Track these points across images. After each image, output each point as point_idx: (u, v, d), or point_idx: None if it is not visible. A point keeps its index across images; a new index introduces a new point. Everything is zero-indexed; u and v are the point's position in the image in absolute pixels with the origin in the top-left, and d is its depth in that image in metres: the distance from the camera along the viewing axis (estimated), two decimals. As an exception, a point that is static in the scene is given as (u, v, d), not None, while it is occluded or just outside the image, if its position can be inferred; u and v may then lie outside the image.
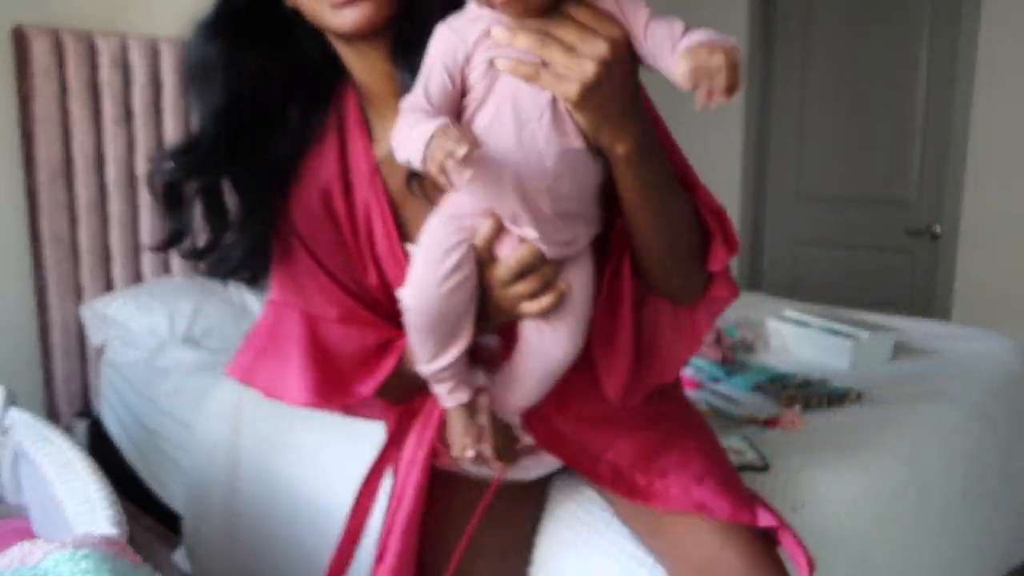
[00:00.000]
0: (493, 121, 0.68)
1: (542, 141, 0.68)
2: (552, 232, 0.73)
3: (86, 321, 2.26)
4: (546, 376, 0.82)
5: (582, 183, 0.72)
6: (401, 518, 0.96)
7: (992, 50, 2.84)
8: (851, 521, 1.22)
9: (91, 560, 0.84)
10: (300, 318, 0.90)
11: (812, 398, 1.61)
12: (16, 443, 1.31)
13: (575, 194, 0.72)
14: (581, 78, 0.64)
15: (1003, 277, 2.90)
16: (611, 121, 0.68)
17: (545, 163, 0.69)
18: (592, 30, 0.65)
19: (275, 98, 0.85)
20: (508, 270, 0.75)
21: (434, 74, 0.69)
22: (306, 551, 1.48)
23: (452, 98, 0.69)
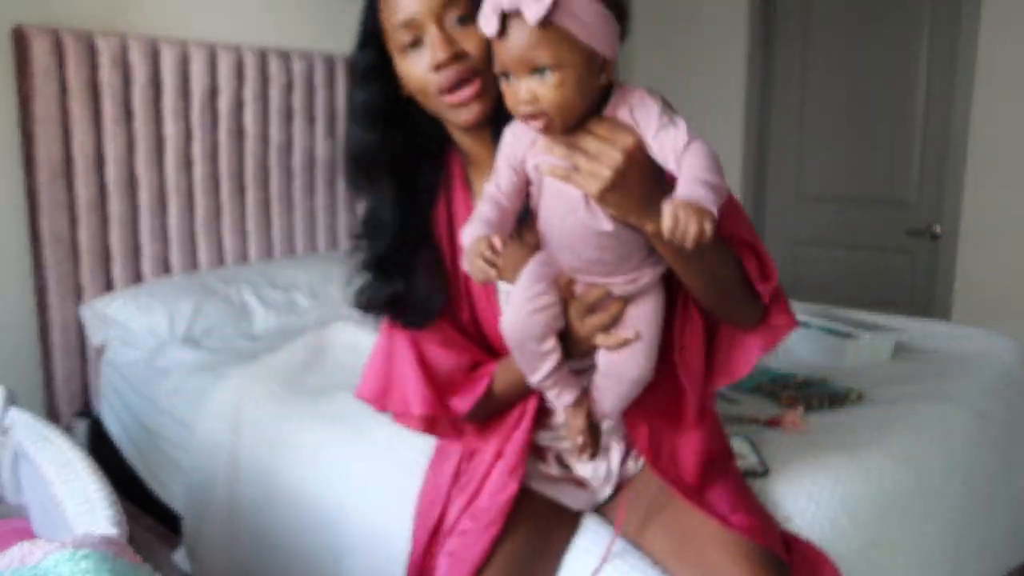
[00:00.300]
0: (548, 209, 0.90)
1: (580, 226, 0.87)
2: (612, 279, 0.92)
3: (86, 321, 2.26)
4: (623, 391, 0.98)
5: (625, 250, 0.90)
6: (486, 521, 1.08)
7: (992, 50, 2.84)
8: (851, 521, 1.22)
9: (91, 560, 0.84)
10: (408, 339, 1.09)
11: (813, 398, 1.61)
12: (16, 443, 1.31)
13: (623, 257, 0.90)
14: (600, 181, 0.81)
15: (1003, 277, 2.90)
16: (634, 209, 0.84)
17: (588, 241, 0.89)
18: (610, 141, 0.82)
19: (414, 165, 1.07)
20: (581, 305, 0.95)
21: (502, 169, 0.90)
22: (306, 551, 1.48)
23: (517, 187, 0.90)
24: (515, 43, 0.79)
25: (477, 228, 0.85)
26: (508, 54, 0.81)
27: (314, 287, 2.48)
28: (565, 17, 0.78)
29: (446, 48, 0.93)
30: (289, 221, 2.71)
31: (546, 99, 0.80)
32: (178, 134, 2.39)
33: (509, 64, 0.81)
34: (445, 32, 0.94)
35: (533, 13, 0.77)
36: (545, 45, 0.79)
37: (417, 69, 0.96)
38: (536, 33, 0.78)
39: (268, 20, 2.66)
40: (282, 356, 1.98)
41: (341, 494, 1.44)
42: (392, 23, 0.96)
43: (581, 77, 0.80)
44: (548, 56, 0.79)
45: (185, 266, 2.47)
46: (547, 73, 0.80)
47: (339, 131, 2.78)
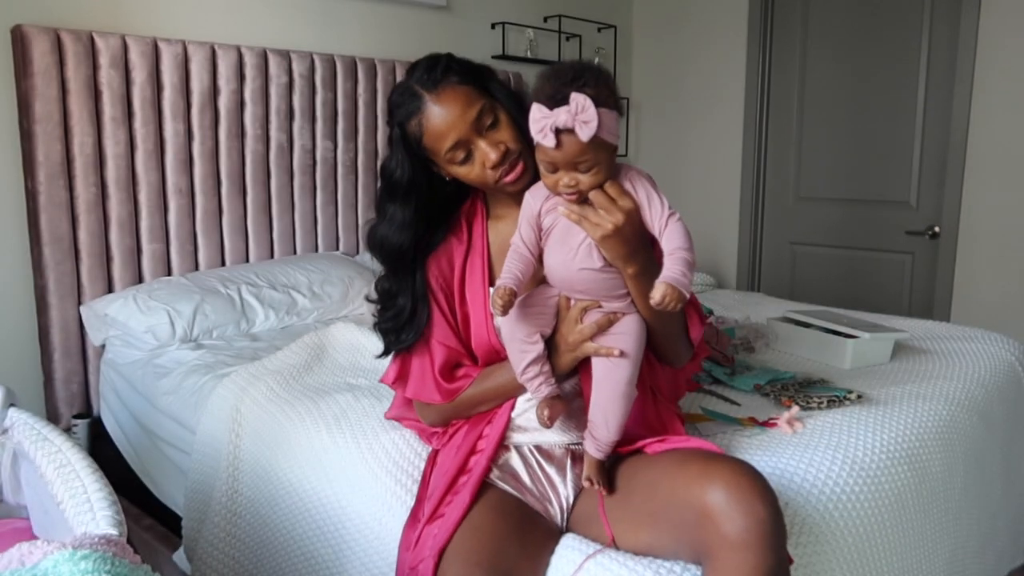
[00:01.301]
0: (552, 253, 1.16)
1: (578, 263, 1.14)
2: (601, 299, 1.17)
3: (86, 321, 2.26)
4: (618, 397, 1.15)
5: (608, 286, 1.15)
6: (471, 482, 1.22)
7: (991, 50, 2.84)
8: (850, 521, 1.22)
9: (90, 560, 0.84)
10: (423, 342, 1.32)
11: (812, 398, 1.61)
12: (16, 443, 1.31)
13: (608, 291, 1.16)
14: (603, 230, 1.08)
15: (1003, 277, 2.90)
16: (623, 255, 1.11)
17: (582, 277, 1.15)
18: (615, 202, 1.08)
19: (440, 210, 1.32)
20: (575, 311, 1.18)
21: (523, 224, 1.17)
22: (306, 551, 1.48)
23: (534, 238, 1.17)
24: (568, 152, 1.05)
25: (504, 279, 1.12)
26: (561, 159, 1.06)
27: (314, 287, 2.47)
28: (602, 130, 1.03)
29: (496, 152, 1.19)
30: (289, 221, 2.71)
31: (586, 183, 1.08)
32: (178, 134, 2.39)
33: (560, 163, 1.07)
34: (487, 139, 1.20)
35: (586, 133, 1.02)
36: (590, 151, 1.05)
37: (474, 172, 1.22)
38: (584, 145, 1.04)
39: (268, 20, 2.66)
40: (282, 356, 1.98)
41: (341, 494, 1.44)
42: (443, 147, 1.20)
43: (609, 164, 1.09)
44: (592, 158, 1.06)
45: (185, 266, 2.47)
46: (588, 169, 1.07)
47: (340, 132, 2.78)
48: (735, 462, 1.04)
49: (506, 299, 1.08)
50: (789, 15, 3.40)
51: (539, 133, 1.04)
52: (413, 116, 1.21)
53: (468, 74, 1.22)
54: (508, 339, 1.20)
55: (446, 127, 1.18)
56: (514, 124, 1.21)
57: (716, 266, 3.68)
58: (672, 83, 3.81)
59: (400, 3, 3.00)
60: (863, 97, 3.21)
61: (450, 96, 1.19)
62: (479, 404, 1.29)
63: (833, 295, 3.32)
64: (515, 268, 1.14)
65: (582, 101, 1.01)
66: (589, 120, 1.01)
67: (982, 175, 2.91)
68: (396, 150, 1.25)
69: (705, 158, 3.72)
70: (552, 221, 1.15)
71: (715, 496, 0.98)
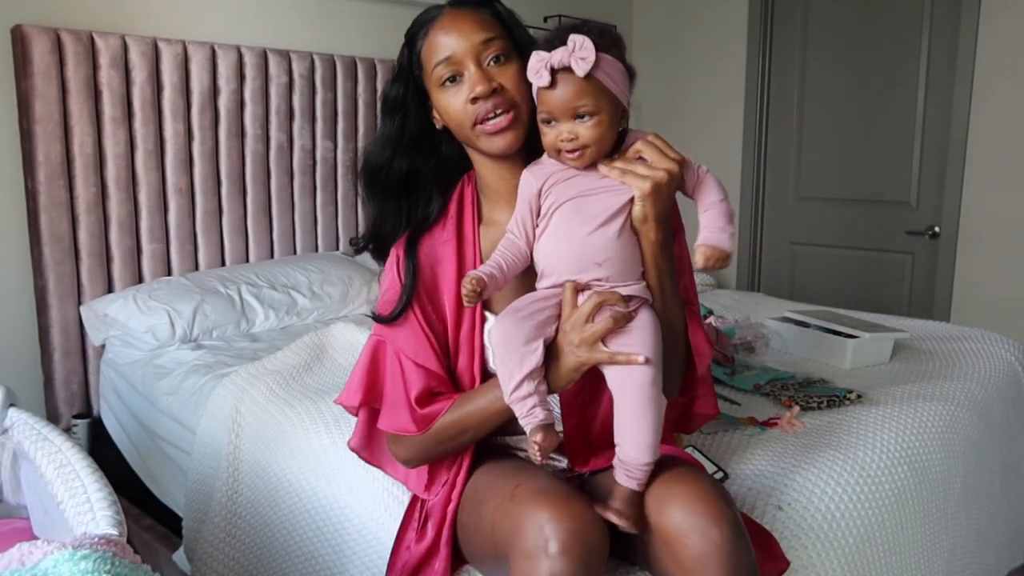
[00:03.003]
0: (558, 227, 1.04)
1: (591, 241, 1.02)
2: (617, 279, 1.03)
3: (86, 321, 2.26)
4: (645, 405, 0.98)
5: (628, 254, 1.04)
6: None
7: (991, 51, 2.84)
8: (850, 521, 1.22)
9: (90, 560, 0.84)
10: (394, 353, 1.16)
11: (812, 398, 1.61)
12: (16, 443, 1.31)
13: (627, 260, 1.04)
14: (654, 179, 1.00)
15: (1003, 277, 2.90)
16: (659, 214, 1.02)
17: (600, 243, 1.02)
18: (664, 153, 1.02)
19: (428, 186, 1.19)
20: (581, 313, 1.00)
21: (521, 205, 1.06)
22: (305, 551, 1.48)
23: (533, 223, 1.06)
24: (564, 93, 0.98)
25: (485, 267, 1.02)
26: (557, 102, 0.99)
27: (314, 287, 2.47)
28: (602, 73, 0.98)
29: (484, 83, 1.05)
30: (289, 221, 2.71)
31: (586, 136, 1.00)
32: (178, 134, 2.39)
33: (556, 110, 0.99)
34: (483, 69, 1.07)
35: (582, 68, 0.96)
36: (588, 94, 0.98)
37: (456, 102, 1.08)
38: (582, 84, 0.97)
39: (268, 20, 2.66)
40: (282, 356, 1.98)
41: (340, 494, 1.44)
42: (433, 60, 1.08)
43: (611, 120, 1.01)
44: (590, 103, 0.98)
45: (185, 266, 2.47)
46: (587, 117, 0.99)
47: (340, 132, 2.78)
48: (692, 481, 0.98)
49: (475, 289, 0.98)
50: (789, 15, 3.39)
51: (535, 75, 0.99)
52: (422, 27, 1.12)
53: (500, 13, 1.12)
54: (501, 345, 1.01)
55: (445, 38, 1.08)
56: (522, 79, 1.06)
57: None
58: (672, 83, 3.81)
59: (400, 3, 3.00)
60: (863, 97, 3.21)
61: (465, 14, 1.09)
62: (461, 433, 1.10)
63: (833, 295, 3.32)
64: (501, 257, 1.04)
65: (580, 40, 0.96)
66: (586, 56, 0.95)
67: (982, 175, 2.91)
68: (398, 70, 1.16)
69: (705, 158, 3.67)
70: (556, 200, 1.04)
71: (672, 520, 0.95)
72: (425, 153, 1.18)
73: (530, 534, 0.92)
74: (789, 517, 1.18)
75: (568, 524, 0.91)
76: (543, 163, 1.07)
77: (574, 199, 1.03)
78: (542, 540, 0.91)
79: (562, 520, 0.92)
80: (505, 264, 1.03)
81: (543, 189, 1.05)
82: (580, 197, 1.03)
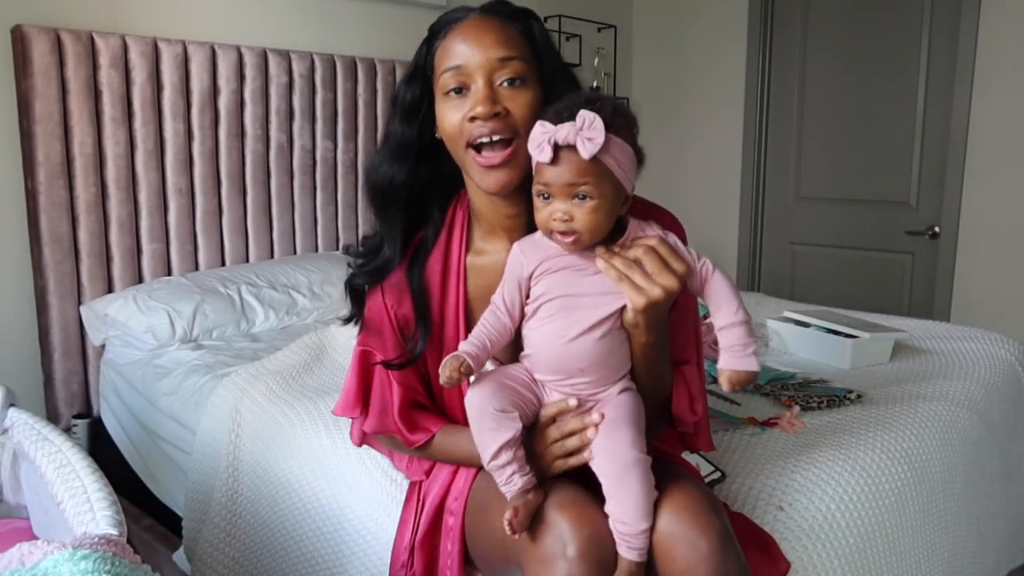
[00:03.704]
0: (544, 321, 0.98)
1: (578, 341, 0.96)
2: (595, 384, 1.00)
3: (86, 321, 2.26)
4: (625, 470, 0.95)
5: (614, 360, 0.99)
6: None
7: (991, 51, 2.84)
8: (849, 521, 1.22)
9: (90, 560, 0.84)
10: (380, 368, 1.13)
11: (812, 398, 1.61)
12: (16, 443, 1.31)
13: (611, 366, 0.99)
14: (650, 297, 0.92)
15: (1002, 277, 2.90)
16: (648, 324, 0.96)
17: (583, 348, 0.97)
18: (668, 266, 0.93)
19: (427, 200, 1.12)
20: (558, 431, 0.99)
21: (507, 282, 1.00)
22: (305, 551, 1.48)
23: (519, 302, 1.00)
24: (564, 170, 0.92)
25: (469, 345, 0.96)
26: (556, 179, 0.92)
27: (314, 287, 2.47)
28: (608, 155, 0.92)
29: (487, 104, 0.97)
30: (289, 221, 2.71)
31: (581, 221, 0.93)
32: (178, 134, 2.39)
33: (554, 187, 0.93)
34: (491, 88, 0.99)
35: (587, 150, 0.89)
36: (590, 175, 0.92)
37: (454, 116, 1.00)
38: (585, 164, 0.91)
39: (268, 20, 2.66)
40: (282, 356, 1.98)
41: (339, 494, 1.44)
42: (443, 65, 1.01)
43: (611, 206, 0.94)
44: (591, 185, 0.92)
45: (185, 266, 2.47)
46: (585, 199, 0.92)
47: (340, 132, 2.78)
48: (680, 489, 0.96)
49: (457, 373, 0.92)
50: (789, 15, 3.39)
51: (536, 148, 0.92)
52: (444, 27, 1.04)
53: (532, 32, 1.04)
54: (477, 412, 0.98)
55: (462, 45, 0.99)
56: (533, 108, 0.99)
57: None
58: (672, 83, 3.81)
59: (400, 3, 3.00)
60: (863, 97, 3.21)
61: (490, 24, 1.01)
62: (445, 457, 1.14)
63: (833, 295, 3.32)
64: (485, 333, 0.98)
65: (590, 118, 0.90)
66: (594, 137, 0.89)
67: (982, 175, 2.91)
68: (413, 68, 1.07)
69: (705, 158, 3.72)
70: (545, 292, 0.98)
71: (659, 529, 0.93)
72: (434, 163, 1.10)
73: (547, 539, 0.93)
74: (790, 517, 1.18)
75: (587, 530, 0.92)
76: (536, 242, 1.00)
77: (563, 298, 0.97)
78: (560, 545, 0.91)
79: (581, 526, 0.92)
80: (489, 342, 0.98)
81: (534, 274, 0.99)
82: (570, 297, 0.97)
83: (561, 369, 0.99)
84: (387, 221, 1.11)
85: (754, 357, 0.93)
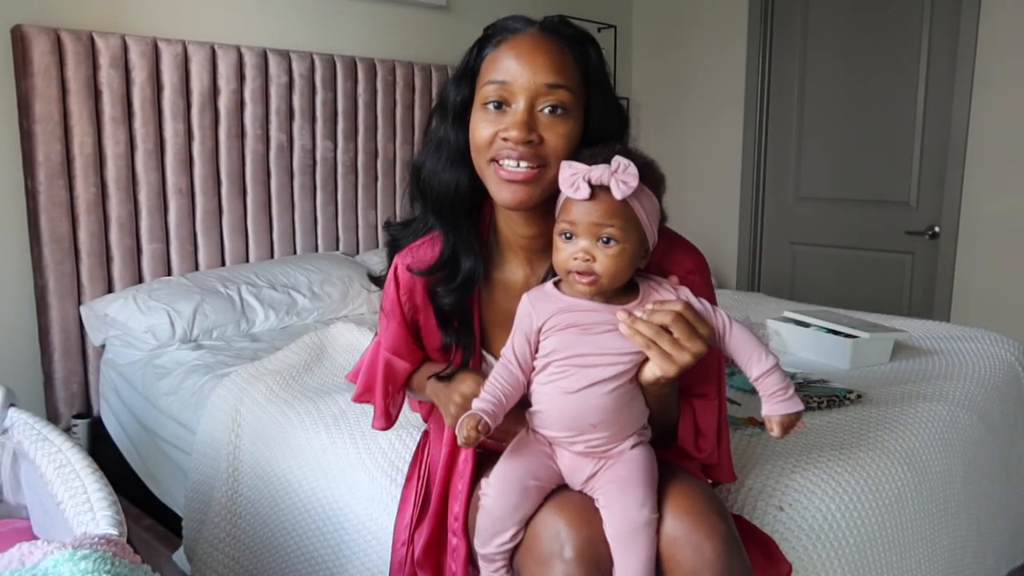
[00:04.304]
0: (558, 380, 0.96)
1: (596, 400, 0.95)
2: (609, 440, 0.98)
3: (86, 321, 2.26)
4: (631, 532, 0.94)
5: (628, 414, 0.98)
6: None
7: (991, 51, 2.84)
8: (849, 521, 1.22)
9: (90, 560, 0.84)
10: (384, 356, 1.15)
11: (812, 398, 1.61)
12: (16, 443, 1.31)
13: (626, 421, 0.98)
14: (680, 364, 0.91)
15: (1002, 277, 2.90)
16: (671, 383, 0.95)
17: (598, 404, 0.95)
18: (695, 331, 0.91)
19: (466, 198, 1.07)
20: None
21: (517, 336, 0.99)
22: (305, 551, 1.48)
23: (528, 355, 0.98)
24: (594, 209, 0.91)
25: (484, 403, 0.94)
26: (584, 216, 0.91)
27: (314, 287, 2.48)
28: (638, 203, 0.92)
29: (523, 130, 0.95)
30: (289, 221, 2.71)
31: (602, 264, 0.92)
32: (178, 134, 2.39)
33: (580, 225, 0.92)
34: (531, 115, 0.96)
35: (621, 192, 0.90)
36: (620, 217, 0.91)
37: (488, 130, 0.98)
38: (617, 206, 0.91)
39: (268, 20, 2.66)
40: (282, 356, 1.98)
41: (339, 494, 1.44)
42: (489, 76, 0.98)
43: (633, 254, 0.94)
44: (618, 229, 0.91)
45: (185, 266, 2.47)
46: (611, 242, 0.92)
47: (340, 132, 2.78)
48: (685, 492, 0.96)
49: (475, 432, 0.90)
50: (789, 15, 3.39)
51: (570, 187, 0.91)
52: (499, 34, 1.01)
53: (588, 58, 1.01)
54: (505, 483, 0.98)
55: (512, 62, 0.96)
56: (570, 141, 0.97)
57: (716, 266, 3.68)
58: (672, 83, 3.81)
59: (400, 3, 3.00)
60: (863, 97, 3.21)
61: (546, 45, 0.97)
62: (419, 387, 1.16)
63: (833, 295, 3.32)
64: (500, 388, 0.96)
65: (625, 163, 0.90)
66: (629, 181, 0.89)
67: (982, 175, 2.91)
68: (463, 69, 1.04)
69: (705, 158, 3.72)
70: (556, 349, 0.96)
71: (664, 533, 0.93)
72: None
73: (545, 539, 0.93)
74: (790, 518, 1.18)
75: (585, 532, 0.92)
76: (547, 293, 0.99)
77: (576, 357, 0.95)
78: (557, 546, 0.92)
79: (578, 527, 0.92)
80: (504, 397, 0.96)
81: (543, 328, 0.97)
82: (581, 356, 0.95)
83: (572, 426, 0.96)
84: (457, 228, 1.06)
85: (796, 397, 0.92)
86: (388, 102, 2.90)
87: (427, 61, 3.02)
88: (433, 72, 3.02)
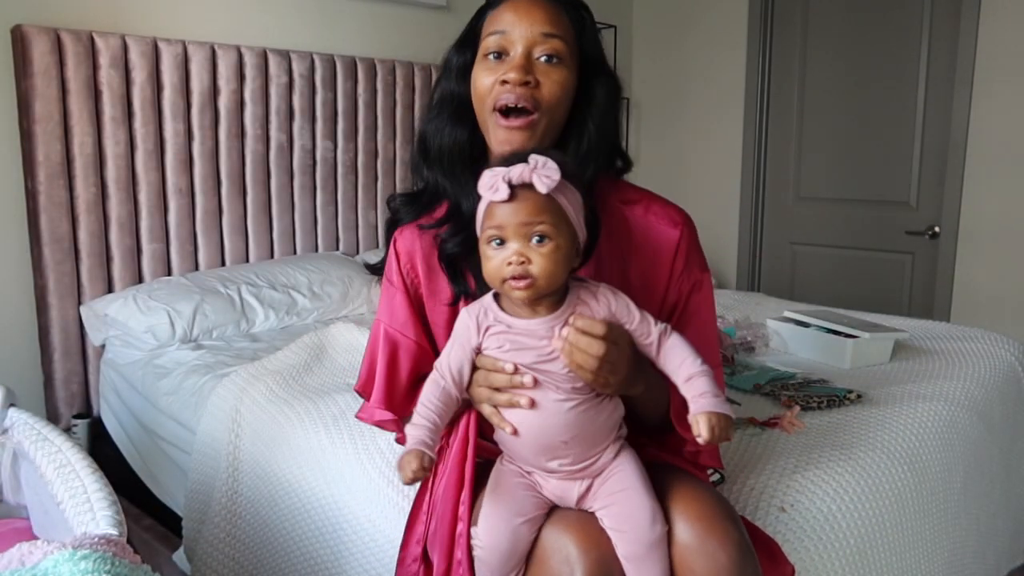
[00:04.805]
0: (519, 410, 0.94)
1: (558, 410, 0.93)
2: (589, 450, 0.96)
3: (86, 321, 2.26)
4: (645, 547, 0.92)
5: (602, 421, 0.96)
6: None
7: (991, 51, 2.84)
8: (850, 521, 1.22)
9: (90, 560, 0.84)
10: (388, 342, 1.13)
11: (812, 398, 1.61)
12: (16, 443, 1.31)
13: (602, 427, 0.96)
14: (589, 368, 0.90)
15: (1002, 277, 2.90)
16: (619, 382, 0.93)
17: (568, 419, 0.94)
18: (589, 335, 0.90)
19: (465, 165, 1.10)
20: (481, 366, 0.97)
21: (454, 349, 0.97)
22: (305, 552, 1.48)
23: (466, 371, 0.97)
24: (520, 208, 0.89)
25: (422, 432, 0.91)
26: (511, 218, 0.89)
27: (314, 287, 2.47)
28: (563, 198, 0.90)
29: (520, 71, 1.00)
30: (289, 221, 2.71)
31: (538, 265, 0.89)
32: (178, 134, 2.39)
33: (509, 227, 0.89)
34: (529, 60, 1.02)
35: (545, 185, 0.88)
36: (548, 213, 0.89)
37: (489, 78, 1.03)
38: (543, 201, 0.89)
39: (268, 20, 2.66)
40: (282, 356, 1.98)
41: (339, 495, 1.44)
42: (489, 29, 1.05)
43: (567, 252, 0.91)
44: (549, 225, 0.89)
45: (185, 266, 2.47)
46: (543, 240, 0.89)
47: (340, 132, 2.78)
48: (696, 497, 0.96)
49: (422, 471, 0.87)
50: (789, 15, 3.39)
51: (489, 189, 0.89)
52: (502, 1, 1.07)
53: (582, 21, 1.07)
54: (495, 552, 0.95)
55: (511, 15, 1.03)
56: (565, 88, 1.02)
57: (716, 266, 3.68)
58: (672, 83, 3.81)
59: (400, 3, 3.00)
60: (863, 97, 3.21)
61: (543, 3, 1.04)
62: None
63: (833, 295, 3.32)
64: (434, 410, 0.94)
65: (543, 159, 0.89)
66: (551, 175, 0.88)
67: (982, 175, 2.91)
68: (465, 34, 1.11)
69: (705, 158, 3.72)
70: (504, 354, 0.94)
71: (676, 540, 0.93)
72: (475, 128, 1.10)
73: (554, 559, 0.92)
74: (791, 519, 1.18)
75: (594, 553, 0.92)
76: (486, 307, 0.96)
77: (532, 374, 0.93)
78: (567, 568, 0.91)
79: (588, 549, 0.92)
80: (440, 419, 0.94)
81: (483, 348, 0.96)
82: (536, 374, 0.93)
83: (544, 447, 0.95)
84: (456, 181, 1.09)
85: (727, 403, 0.88)
86: (388, 102, 2.90)
87: (427, 61, 3.02)
88: (433, 72, 3.02)
